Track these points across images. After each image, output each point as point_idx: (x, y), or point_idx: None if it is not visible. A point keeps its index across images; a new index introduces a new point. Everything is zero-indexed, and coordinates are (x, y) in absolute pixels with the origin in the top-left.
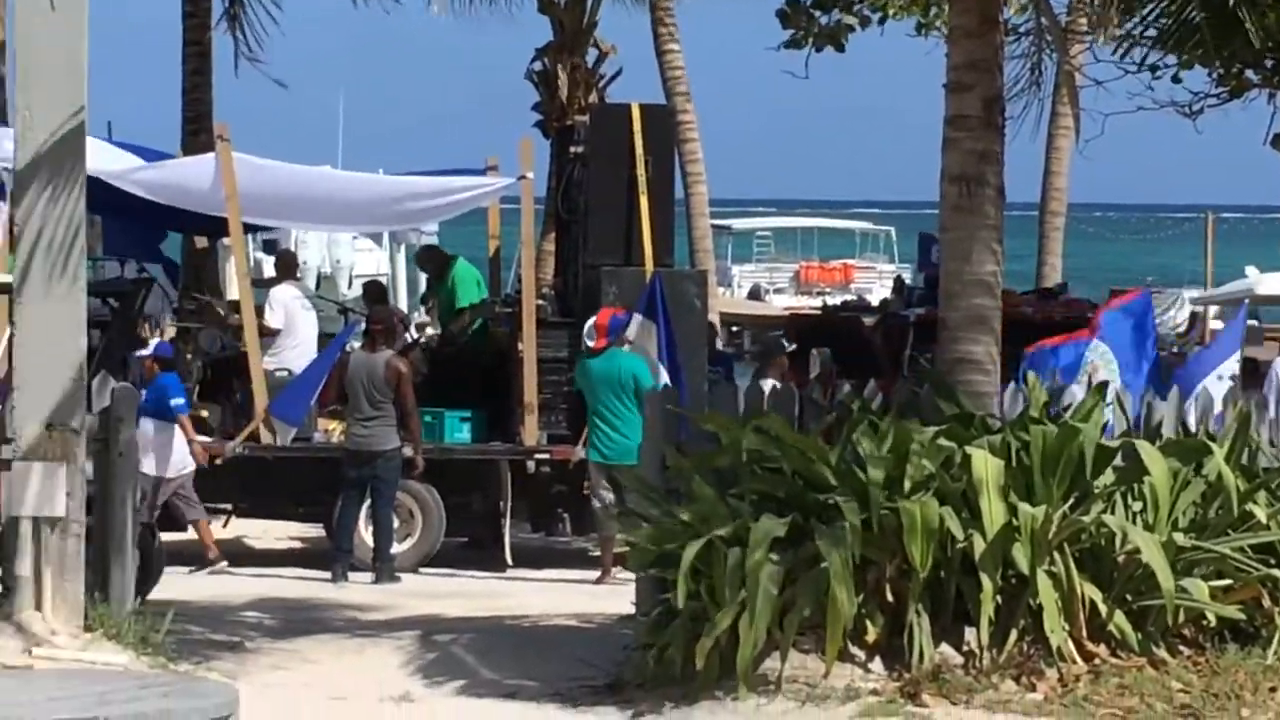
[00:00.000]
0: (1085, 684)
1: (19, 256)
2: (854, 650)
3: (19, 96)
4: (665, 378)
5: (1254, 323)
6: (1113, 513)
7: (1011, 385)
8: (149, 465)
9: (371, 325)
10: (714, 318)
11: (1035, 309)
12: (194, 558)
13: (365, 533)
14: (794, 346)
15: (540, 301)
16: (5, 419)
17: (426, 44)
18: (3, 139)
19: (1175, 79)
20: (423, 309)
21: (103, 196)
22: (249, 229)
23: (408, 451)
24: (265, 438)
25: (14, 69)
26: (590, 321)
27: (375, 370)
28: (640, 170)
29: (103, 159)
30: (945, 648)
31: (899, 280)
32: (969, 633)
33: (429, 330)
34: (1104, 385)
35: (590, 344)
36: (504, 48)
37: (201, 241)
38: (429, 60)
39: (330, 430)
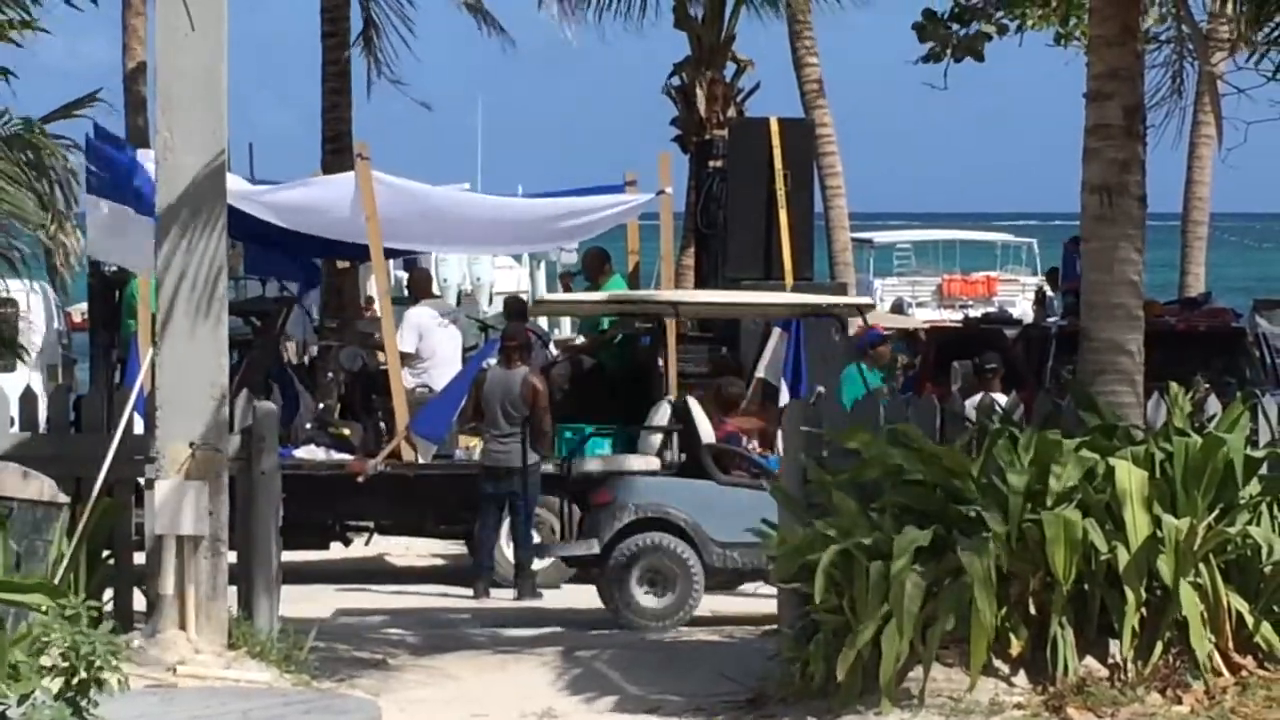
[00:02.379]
0: (1232, 696)
1: (162, 299)
2: (997, 663)
3: (160, 118)
4: (786, 392)
5: None
6: (1258, 524)
7: (1154, 395)
8: None
9: (506, 342)
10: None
11: (1178, 319)
12: (338, 575)
13: (507, 549)
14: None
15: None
16: (149, 438)
17: (564, 60)
18: (145, 160)
19: None
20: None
21: (244, 225)
22: (389, 253)
23: (548, 467)
24: (407, 455)
25: (155, 90)
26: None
27: (511, 387)
28: (779, 184)
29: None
30: (1090, 660)
31: (1040, 291)
32: (1113, 645)
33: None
34: (1250, 395)
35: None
36: (642, 63)
37: (343, 261)
38: (567, 76)
39: (471, 447)
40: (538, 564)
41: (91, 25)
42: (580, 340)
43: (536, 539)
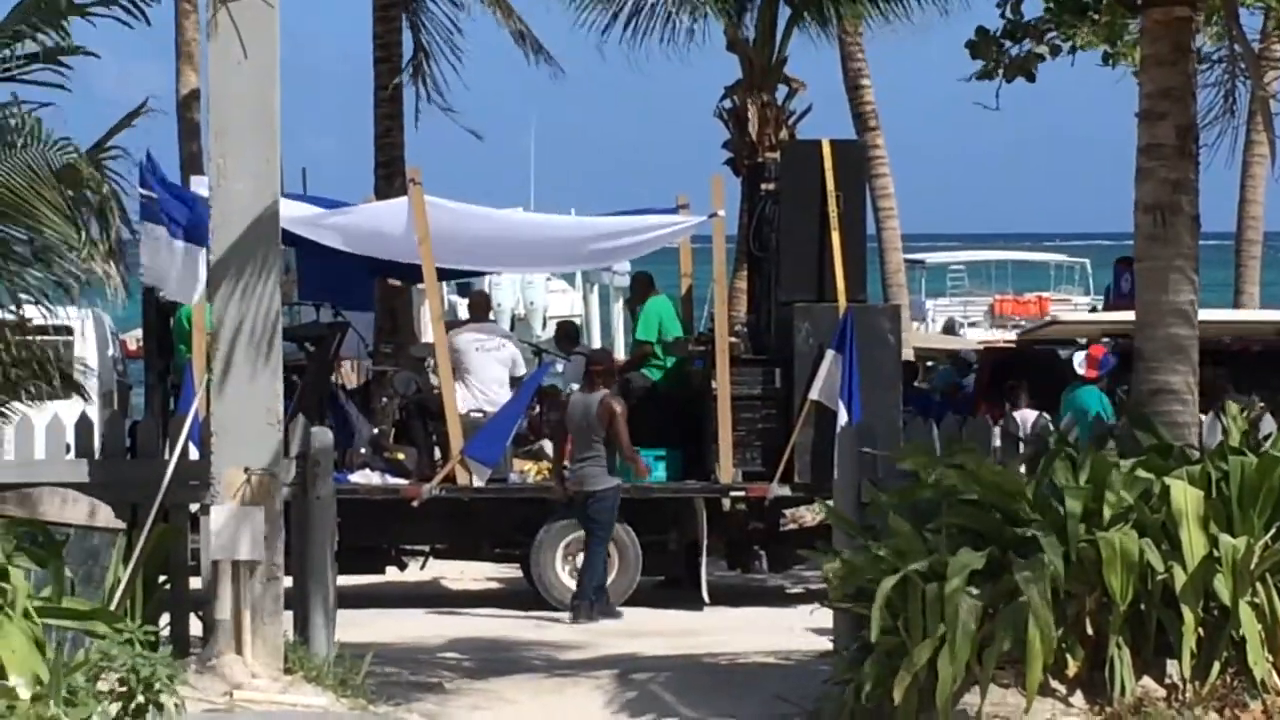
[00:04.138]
0: None
1: (219, 329)
2: (1054, 684)
3: (213, 145)
4: (844, 414)
5: None
6: None
7: (1209, 415)
8: None
9: (590, 366)
10: (908, 353)
11: (1233, 338)
12: (393, 599)
13: (562, 572)
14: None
15: (733, 339)
16: (204, 464)
17: (616, 84)
18: (199, 187)
19: None
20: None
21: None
22: (443, 275)
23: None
24: (461, 479)
25: (208, 117)
26: (1085, 352)
27: (590, 410)
28: (832, 206)
29: (295, 213)
30: (1147, 680)
31: (1093, 311)
32: (1171, 665)
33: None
34: None
35: (1081, 373)
36: (694, 87)
37: (396, 281)
38: (619, 100)
39: (525, 471)
40: None
41: (144, 52)
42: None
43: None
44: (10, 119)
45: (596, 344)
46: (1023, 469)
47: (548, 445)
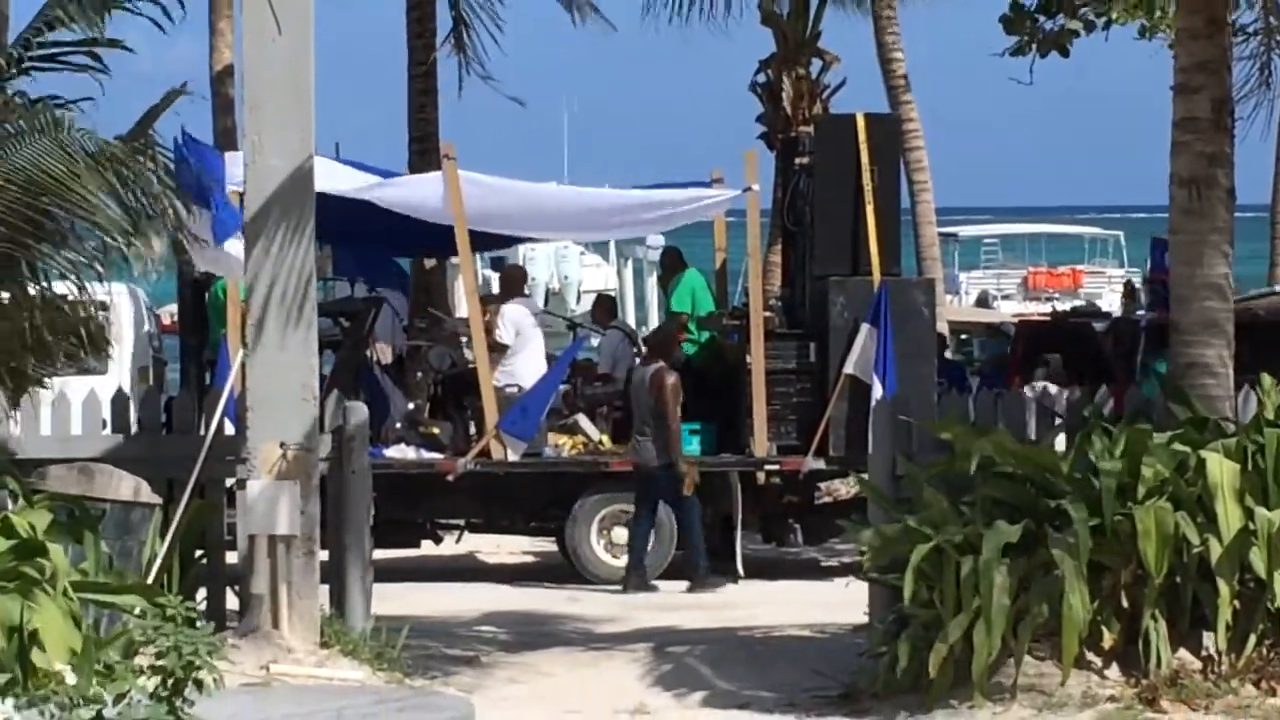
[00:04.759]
0: None
1: (252, 302)
2: (1090, 656)
3: (248, 121)
4: (879, 388)
5: None
6: None
7: (1245, 388)
8: None
9: (649, 338)
10: (942, 326)
11: (1267, 310)
12: (429, 573)
13: (597, 546)
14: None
15: (768, 313)
16: (240, 439)
17: (649, 59)
18: (234, 164)
19: None
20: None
21: (332, 223)
22: (476, 245)
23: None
24: (496, 454)
25: (242, 93)
26: None
27: (644, 382)
28: (866, 180)
29: (333, 177)
30: (1183, 653)
31: (1129, 284)
32: (1206, 638)
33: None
34: None
35: None
36: (727, 61)
37: (430, 260)
38: (652, 74)
39: (560, 445)
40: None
41: (177, 28)
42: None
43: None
44: (45, 111)
45: (631, 318)
46: (1059, 441)
47: (583, 419)
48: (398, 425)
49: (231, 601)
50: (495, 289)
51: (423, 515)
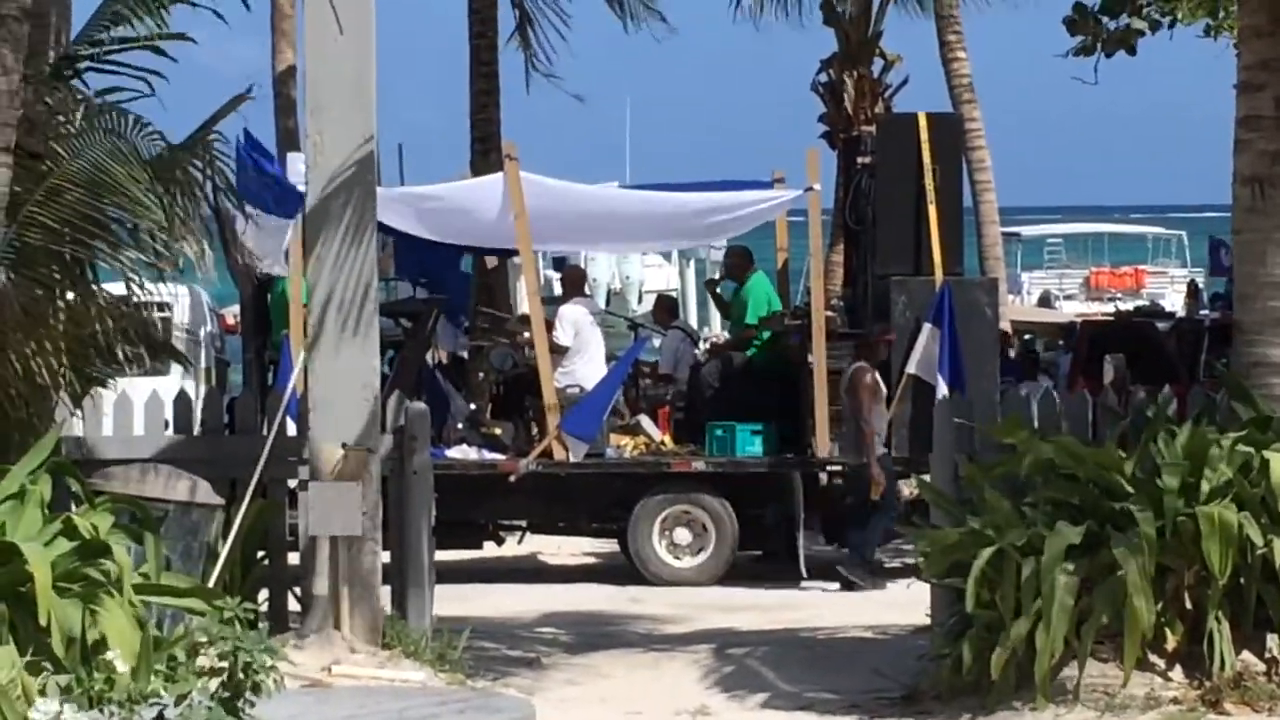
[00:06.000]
0: None
1: (314, 303)
2: (1153, 658)
3: (310, 122)
4: (943, 387)
5: None
6: None
7: None
8: None
9: (856, 341)
10: (1005, 326)
11: None
12: (491, 574)
13: (659, 547)
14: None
15: (829, 313)
16: (302, 439)
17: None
18: (296, 163)
19: None
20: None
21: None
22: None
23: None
24: (558, 454)
25: (304, 93)
26: None
27: (843, 381)
28: (929, 180)
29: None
30: (1247, 655)
31: (1193, 284)
32: (1270, 639)
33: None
34: None
35: None
36: (789, 60)
37: (492, 260)
38: (713, 73)
39: (622, 446)
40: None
41: (240, 26)
42: (726, 338)
43: (690, 538)
44: (107, 111)
45: (693, 318)
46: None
47: (644, 420)
48: (459, 426)
49: (293, 603)
50: (557, 289)
51: (484, 516)
